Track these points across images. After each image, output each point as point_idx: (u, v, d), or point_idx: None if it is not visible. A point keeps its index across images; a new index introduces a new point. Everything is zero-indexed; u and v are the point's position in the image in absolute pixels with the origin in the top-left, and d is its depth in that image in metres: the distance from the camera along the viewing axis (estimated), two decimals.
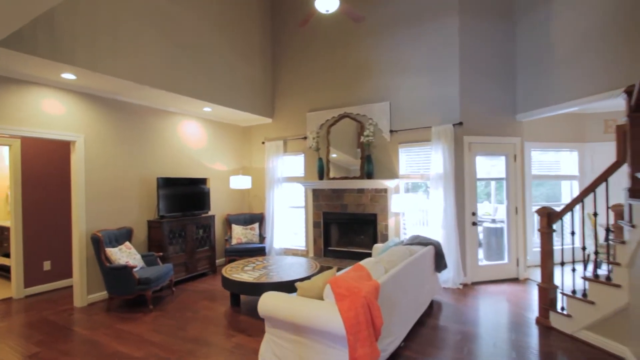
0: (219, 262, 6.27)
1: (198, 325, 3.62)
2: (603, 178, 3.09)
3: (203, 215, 5.66)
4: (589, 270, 4.86)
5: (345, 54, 5.82)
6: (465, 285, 4.82)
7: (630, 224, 2.71)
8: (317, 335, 2.34)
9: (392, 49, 5.38)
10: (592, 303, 3.06)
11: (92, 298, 4.41)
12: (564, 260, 3.55)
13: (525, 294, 4.46)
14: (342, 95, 5.84)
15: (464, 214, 4.89)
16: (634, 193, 2.76)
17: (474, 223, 4.96)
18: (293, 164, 6.46)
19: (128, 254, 4.29)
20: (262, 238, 6.27)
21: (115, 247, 4.31)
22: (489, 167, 6.62)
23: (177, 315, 3.89)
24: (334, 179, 5.72)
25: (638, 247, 2.63)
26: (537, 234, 6.32)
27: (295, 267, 4.26)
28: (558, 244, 4.06)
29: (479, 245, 5.27)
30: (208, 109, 5.70)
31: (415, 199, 5.10)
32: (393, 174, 5.35)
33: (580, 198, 3.21)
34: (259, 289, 3.67)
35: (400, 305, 2.95)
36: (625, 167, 2.91)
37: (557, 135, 5.91)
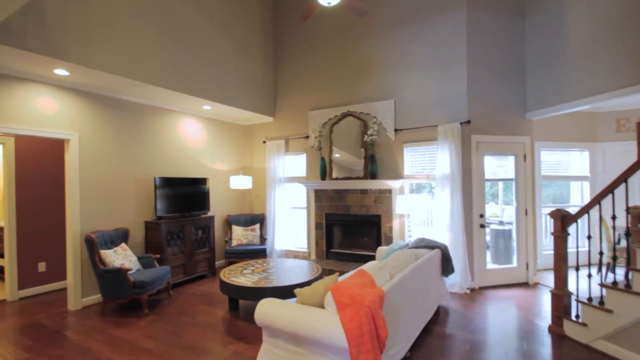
0: (219, 264, 6.13)
1: (194, 331, 3.47)
2: (622, 179, 2.90)
3: (202, 216, 5.52)
4: (606, 276, 4.66)
5: (349, 51, 5.66)
6: (473, 290, 4.64)
7: None
8: (317, 347, 2.18)
9: (396, 45, 5.22)
10: (610, 311, 2.88)
11: (86, 301, 4.28)
12: (574, 265, 3.37)
13: (536, 300, 4.28)
14: (345, 93, 5.68)
15: (472, 216, 4.71)
16: None
17: (482, 225, 4.77)
18: (295, 164, 6.30)
19: (123, 256, 4.15)
20: (263, 239, 6.13)
21: (111, 248, 4.17)
22: (495, 167, 6.42)
23: (173, 320, 3.75)
24: (337, 179, 5.56)
25: None
26: (546, 237, 6.15)
27: (296, 270, 4.11)
28: (569, 248, 3.95)
29: (486, 248, 5.09)
30: (208, 107, 5.55)
31: (421, 200, 4.92)
32: (397, 174, 5.18)
33: (598, 200, 3.03)
34: (258, 294, 3.51)
35: (406, 313, 2.78)
36: None
37: (566, 135, 5.71)
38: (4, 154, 4.53)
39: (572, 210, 6.12)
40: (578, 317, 3.20)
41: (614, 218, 2.99)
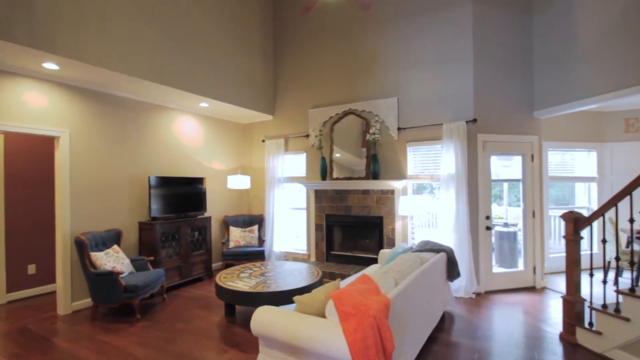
0: (215, 266, 5.96)
1: (188, 338, 3.30)
2: None
3: (199, 217, 5.35)
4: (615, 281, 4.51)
5: (351, 47, 5.49)
6: (478, 295, 4.48)
7: None
8: None
9: (400, 41, 5.06)
10: (627, 320, 2.72)
11: (76, 305, 4.10)
12: (581, 268, 3.21)
13: (544, 305, 4.11)
14: (346, 91, 5.51)
15: (477, 218, 4.55)
16: None
17: (488, 227, 4.61)
18: (294, 163, 6.14)
19: (115, 259, 3.98)
20: (261, 241, 5.96)
21: (102, 250, 4.01)
22: (500, 167, 6.26)
23: (166, 326, 3.58)
24: (338, 180, 5.40)
25: None
26: (553, 239, 6.00)
27: (295, 274, 3.94)
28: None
29: (491, 251, 4.92)
30: (205, 105, 5.39)
31: (425, 202, 4.76)
32: (400, 175, 5.01)
33: (615, 202, 2.86)
34: (255, 299, 3.35)
35: (412, 321, 2.62)
36: None
37: (573, 135, 5.54)
38: None
39: None
40: (592, 324, 3.03)
41: (632, 221, 2.83)
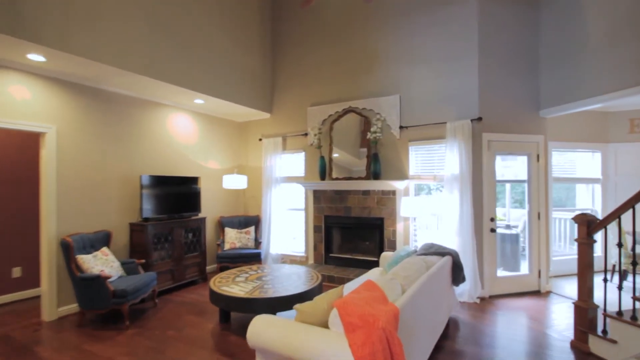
0: (210, 268, 5.76)
1: (179, 347, 3.11)
2: None
3: (193, 218, 5.15)
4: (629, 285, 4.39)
5: (352, 43, 5.33)
6: (483, 299, 4.32)
7: None
8: None
9: (403, 37, 4.90)
10: None
11: (63, 311, 3.89)
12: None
13: (550, 310, 3.97)
14: (347, 88, 5.35)
15: (482, 220, 4.40)
16: None
17: (493, 230, 4.47)
18: (292, 163, 5.96)
19: (104, 262, 3.78)
20: (257, 243, 5.77)
21: (90, 253, 3.80)
22: (502, 168, 6.13)
23: (156, 334, 3.38)
24: (337, 180, 5.23)
25: None
26: (557, 242, 5.87)
27: (294, 278, 3.76)
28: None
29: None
30: (200, 101, 5.20)
31: (428, 202, 4.61)
32: (402, 175, 4.85)
33: (632, 203, 2.72)
34: (251, 305, 3.16)
35: (419, 331, 2.45)
36: None
37: (577, 135, 5.41)
38: None
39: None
40: (606, 332, 2.89)
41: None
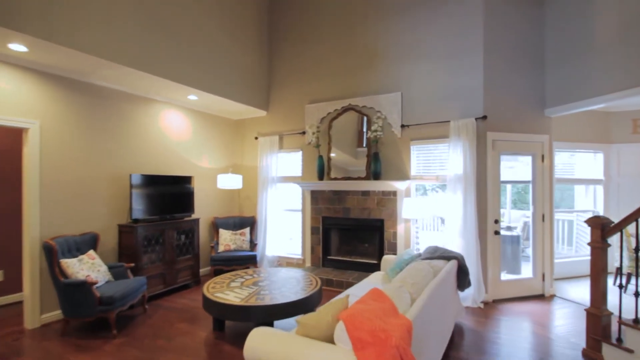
0: (203, 271, 5.55)
1: (170, 358, 2.91)
2: None
3: (186, 219, 4.94)
4: (625, 287, 4.28)
5: (351, 39, 5.16)
6: (486, 304, 4.19)
7: None
8: None
9: (405, 33, 4.74)
10: None
11: (46, 318, 3.66)
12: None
13: (557, 316, 3.85)
14: (346, 85, 5.17)
15: (486, 222, 4.26)
16: None
17: (497, 232, 4.33)
18: (289, 162, 5.77)
19: (90, 266, 3.56)
20: (253, 245, 5.57)
21: (76, 257, 3.58)
22: (504, 168, 6.00)
23: (145, 343, 3.17)
24: (336, 180, 5.05)
25: None
26: (561, 245, 5.77)
27: (292, 283, 3.58)
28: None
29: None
30: (194, 97, 4.99)
31: (430, 204, 4.46)
32: (404, 175, 4.70)
33: None
34: (247, 314, 2.98)
35: (429, 342, 2.29)
36: None
37: (579, 135, 5.31)
38: None
39: (576, 216, 5.78)
40: (621, 341, 2.75)
41: None
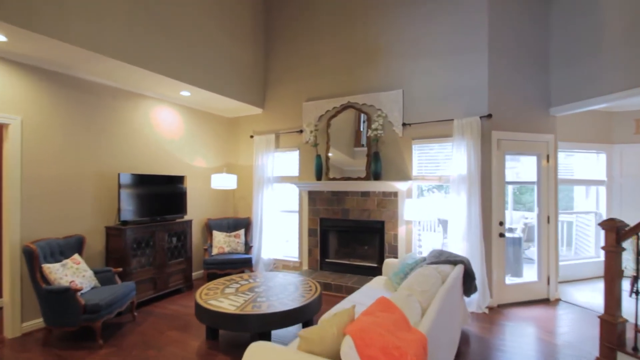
0: (196, 275, 5.34)
1: None
2: None
3: (178, 221, 4.73)
4: (631, 291, 4.15)
5: (351, 35, 4.99)
6: (491, 309, 4.04)
7: None
8: None
9: (406, 28, 4.59)
10: None
11: (27, 327, 3.43)
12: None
13: (564, 321, 3.72)
14: (345, 83, 5.00)
15: (491, 224, 4.12)
16: None
17: (502, 234, 4.19)
18: (286, 162, 5.59)
19: (75, 271, 3.34)
20: (248, 247, 5.38)
21: (59, 261, 3.36)
22: (506, 169, 5.88)
23: (134, 354, 2.97)
24: (334, 180, 4.88)
25: None
26: (561, 247, 5.65)
27: (290, 289, 3.39)
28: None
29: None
30: (186, 93, 4.78)
31: (433, 205, 4.31)
32: (405, 175, 4.54)
33: None
34: (243, 323, 2.79)
35: (439, 353, 2.13)
36: None
37: (582, 135, 5.19)
38: None
39: (576, 217, 5.68)
40: (637, 349, 2.62)
41: None
